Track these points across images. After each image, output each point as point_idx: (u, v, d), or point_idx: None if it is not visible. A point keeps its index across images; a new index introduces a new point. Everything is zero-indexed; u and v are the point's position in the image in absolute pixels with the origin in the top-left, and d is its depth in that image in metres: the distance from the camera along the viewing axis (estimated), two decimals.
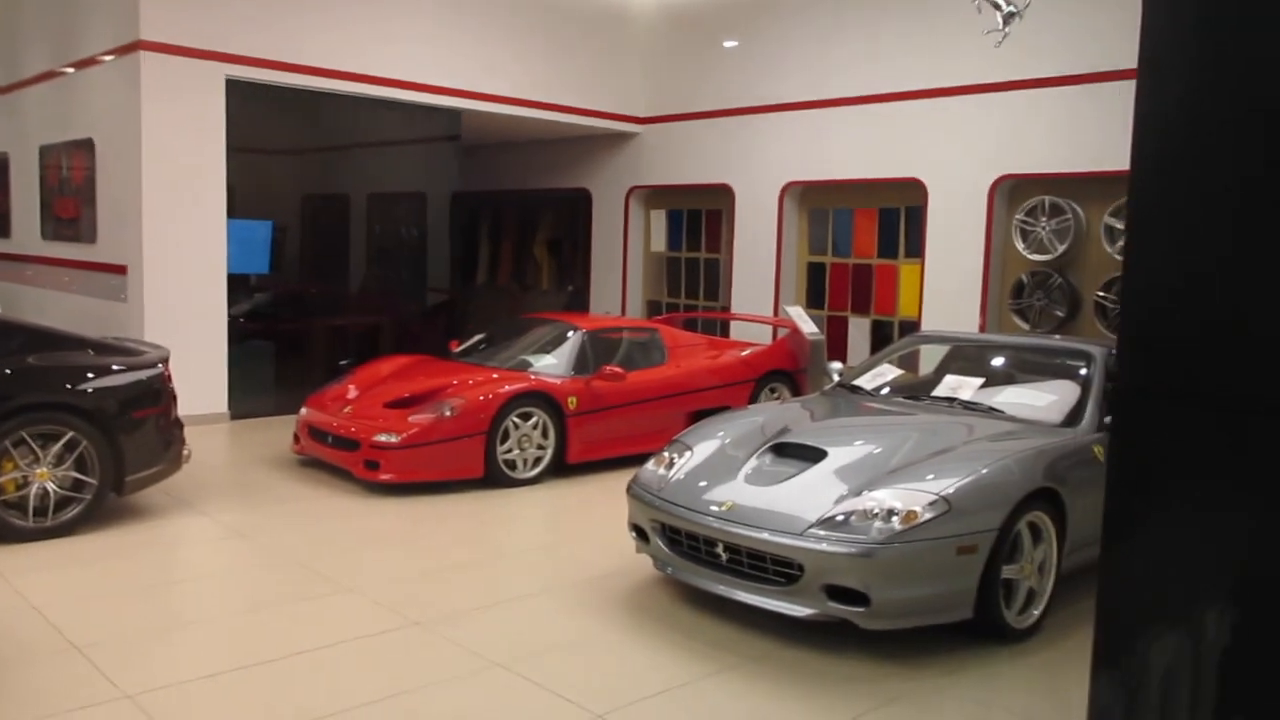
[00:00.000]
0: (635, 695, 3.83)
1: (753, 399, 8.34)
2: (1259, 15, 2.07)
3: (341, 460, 6.89)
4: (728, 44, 11.01)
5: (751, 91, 10.84)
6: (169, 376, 6.10)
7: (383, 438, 6.68)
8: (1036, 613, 4.56)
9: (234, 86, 8.75)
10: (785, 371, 8.75)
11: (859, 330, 10.34)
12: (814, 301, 10.69)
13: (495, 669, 4.02)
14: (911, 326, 9.61)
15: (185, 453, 6.17)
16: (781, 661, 4.18)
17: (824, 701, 3.83)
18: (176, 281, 8.55)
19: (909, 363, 6.82)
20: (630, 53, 11.81)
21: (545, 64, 10.94)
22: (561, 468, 7.29)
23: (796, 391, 8.62)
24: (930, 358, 6.97)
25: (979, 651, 4.32)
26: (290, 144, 10.23)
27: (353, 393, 7.40)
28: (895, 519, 4.15)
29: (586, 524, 6.23)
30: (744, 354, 8.67)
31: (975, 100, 9.08)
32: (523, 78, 10.72)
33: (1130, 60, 7.73)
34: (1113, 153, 8.27)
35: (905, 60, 9.55)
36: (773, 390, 8.61)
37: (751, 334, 10.23)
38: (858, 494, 4.34)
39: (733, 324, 10.98)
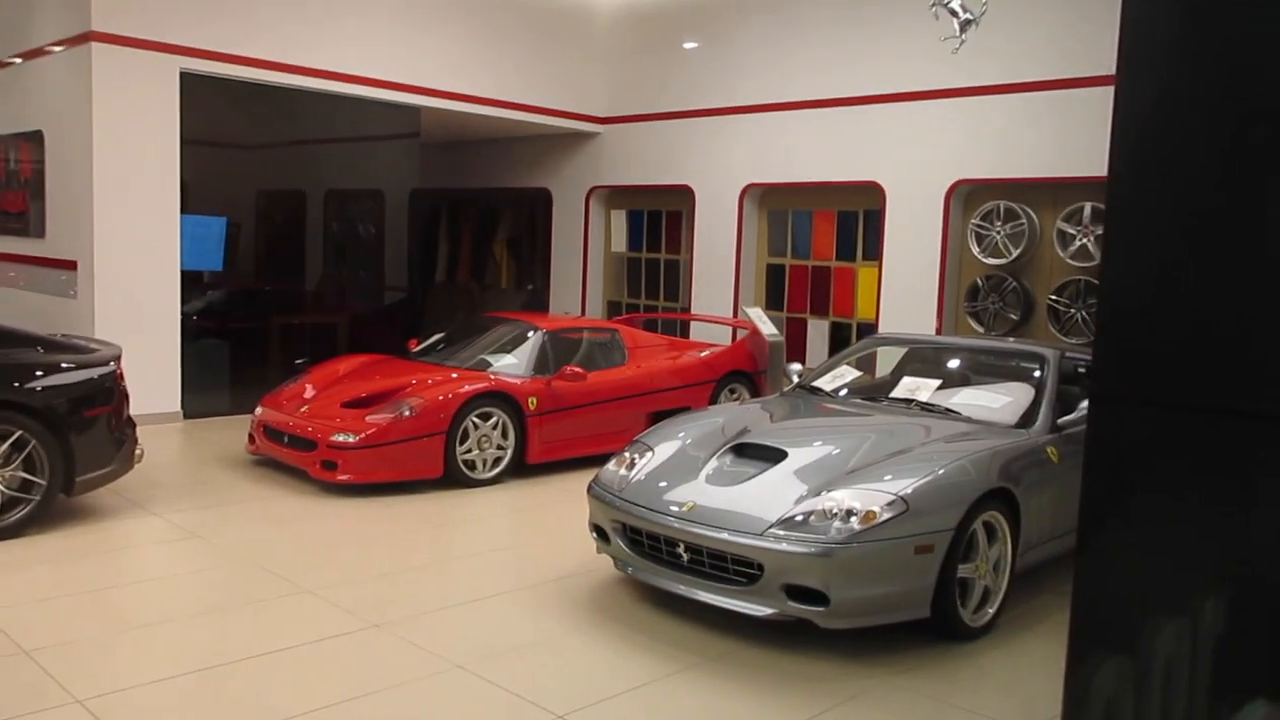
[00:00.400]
0: (597, 695, 3.83)
1: (713, 400, 8.38)
2: (1241, 15, 2.08)
3: (298, 460, 6.81)
4: (688, 45, 11.05)
5: (712, 93, 10.88)
6: (121, 375, 5.99)
7: (340, 437, 6.61)
8: (991, 611, 4.63)
9: (189, 79, 8.62)
10: (745, 373, 8.80)
11: (818, 332, 10.42)
12: (773, 303, 10.76)
13: (456, 671, 4.00)
14: (869, 328, 9.71)
15: (137, 452, 6.06)
16: (742, 660, 4.21)
17: (784, 700, 3.86)
18: (128, 278, 8.40)
19: (866, 364, 6.89)
20: (592, 53, 11.80)
21: (506, 62, 10.89)
22: (521, 468, 7.27)
23: (756, 392, 8.67)
24: (887, 359, 7.05)
25: (935, 649, 4.38)
26: (247, 139, 10.09)
27: (309, 392, 7.32)
28: (854, 519, 4.20)
29: (547, 525, 6.22)
30: (704, 355, 8.71)
31: (933, 105, 9.20)
32: (483, 76, 10.67)
33: (1085, 68, 7.87)
34: (1066, 159, 8.43)
35: (865, 65, 9.65)
36: (732, 391, 8.65)
37: (712, 335, 10.27)
38: (817, 494, 4.38)
39: (693, 325, 11.02)
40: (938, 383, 5.68)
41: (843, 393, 5.98)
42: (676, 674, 4.07)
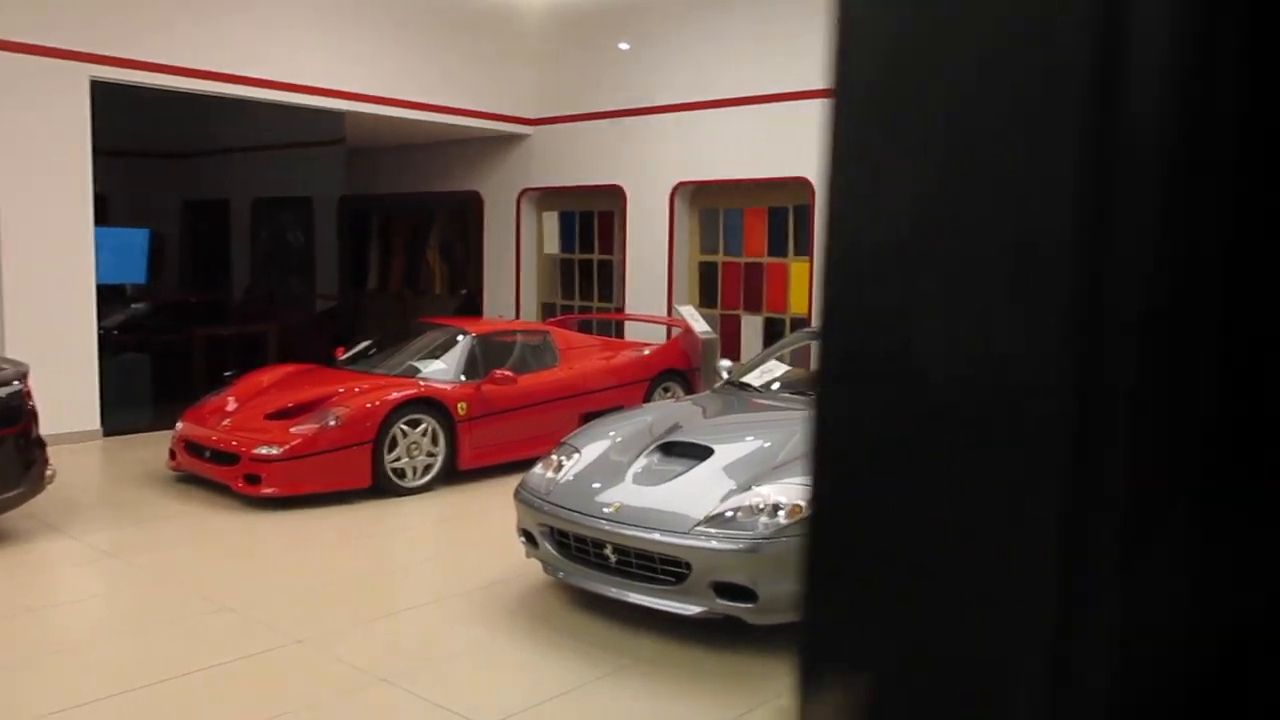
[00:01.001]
0: (524, 703, 3.77)
1: (647, 399, 8.34)
2: None
3: (220, 475, 6.64)
4: (622, 46, 11.01)
5: (641, 92, 10.85)
6: (28, 393, 5.78)
7: (264, 450, 6.46)
8: None
9: (106, 89, 8.36)
10: (679, 371, 8.79)
11: (752, 328, 10.45)
12: (707, 301, 10.77)
13: (379, 685, 3.91)
14: (803, 323, 9.76)
15: (49, 473, 5.85)
16: (673, 661, 4.17)
17: (711, 700, 3.83)
18: (39, 292, 8.12)
19: (800, 358, 6.91)
20: (519, 53, 11.70)
21: (432, 65, 10.76)
22: (453, 474, 7.16)
23: (690, 390, 8.64)
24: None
25: None
26: (168, 148, 9.85)
27: (232, 405, 7.14)
28: (781, 513, 4.18)
29: (478, 531, 6.13)
30: (637, 354, 8.68)
31: None
32: (409, 79, 10.52)
33: None
34: None
35: (791, 60, 9.69)
36: (667, 390, 8.62)
37: (647, 334, 10.24)
38: (744, 490, 4.36)
39: (628, 325, 10.98)
40: None
41: (773, 387, 5.99)
42: (605, 677, 4.02)
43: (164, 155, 10.01)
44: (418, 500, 6.80)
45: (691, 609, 4.23)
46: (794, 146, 9.71)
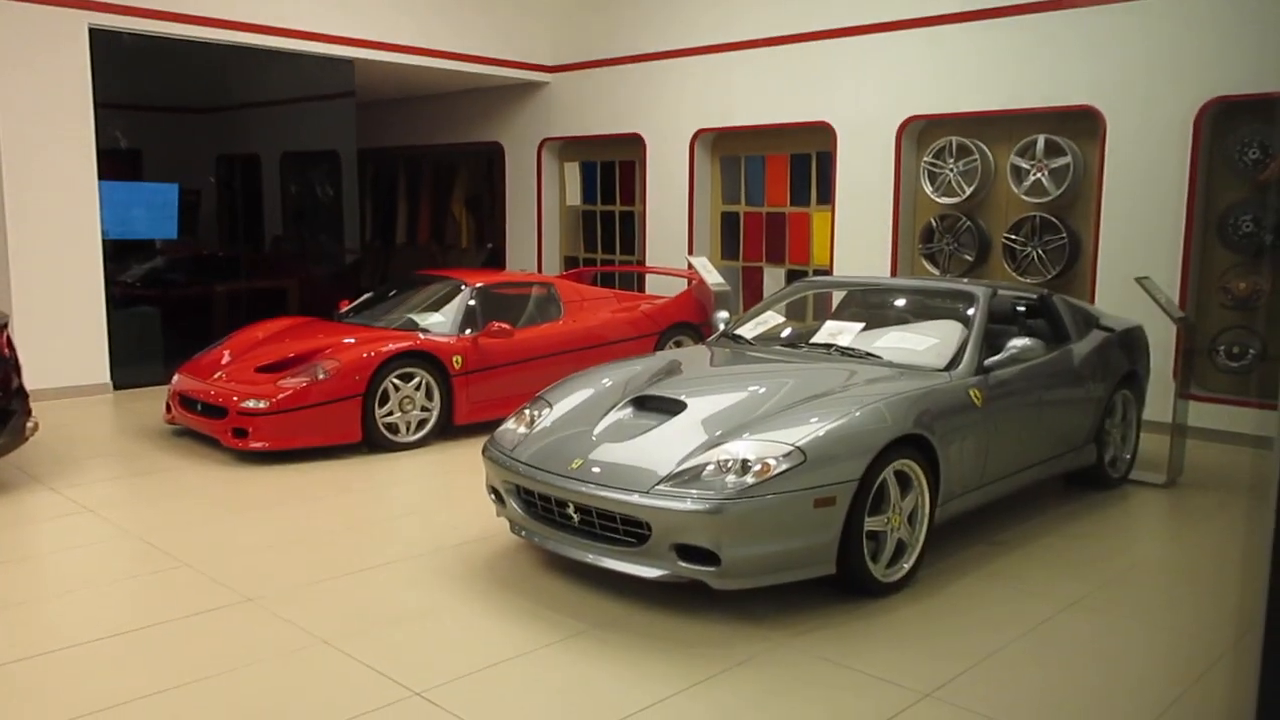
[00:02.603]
0: (465, 669, 3.57)
1: (657, 351, 8.08)
2: None
3: (210, 428, 6.54)
4: None
5: (659, 37, 10.46)
6: (9, 343, 5.70)
7: (251, 403, 6.33)
8: (907, 565, 4.36)
9: (117, 40, 8.22)
10: (691, 324, 8.51)
11: (774, 280, 10.09)
12: (729, 252, 10.42)
13: (319, 646, 3.74)
14: (823, 274, 9.38)
15: (30, 425, 5.78)
16: (631, 626, 3.95)
17: (667, 667, 3.60)
18: (45, 247, 8.08)
19: (797, 310, 6.59)
20: None
21: (443, 11, 10.46)
22: (449, 430, 6.99)
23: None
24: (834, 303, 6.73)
25: (844, 607, 4.12)
26: (196, 102, 9.74)
27: (226, 358, 7.03)
28: (749, 472, 3.91)
29: (463, 488, 5.93)
30: (647, 307, 8.40)
31: (880, 39, 8.80)
32: (419, 25, 10.24)
33: None
34: (1018, 90, 8.05)
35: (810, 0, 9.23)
36: (678, 343, 8.35)
37: (668, 287, 9.94)
38: (713, 447, 4.10)
39: (648, 277, 10.69)
40: (860, 326, 5.37)
41: (766, 340, 5.68)
42: (558, 643, 3.81)
43: (193, 110, 9.91)
44: (409, 456, 6.64)
45: (653, 571, 3.99)
46: (814, 90, 9.29)
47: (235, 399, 6.40)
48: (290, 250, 10.95)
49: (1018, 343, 4.99)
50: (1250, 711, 1.61)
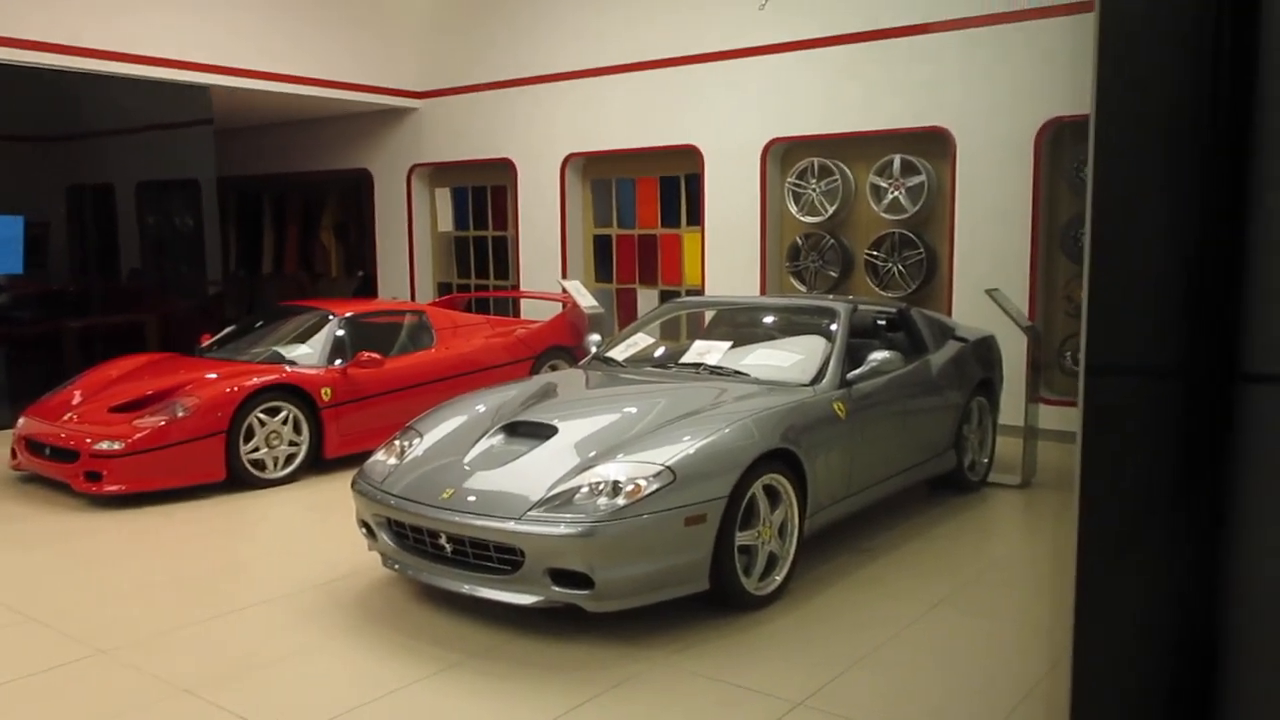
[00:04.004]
0: (338, 709, 3.48)
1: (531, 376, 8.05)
2: None
3: (61, 473, 6.21)
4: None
5: (528, 62, 10.49)
6: None
7: (105, 445, 6.04)
8: (779, 578, 4.45)
9: None
10: (565, 347, 8.52)
11: (648, 301, 10.19)
12: (603, 275, 10.49)
13: (180, 696, 3.59)
14: (696, 295, 9.53)
15: None
16: (506, 655, 3.91)
17: (542, 694, 3.58)
18: None
19: (670, 330, 6.68)
20: (402, 23, 11.24)
21: (305, 37, 10.25)
22: (320, 464, 6.81)
23: None
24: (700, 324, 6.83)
25: (718, 623, 4.17)
26: (44, 131, 9.26)
27: (77, 398, 6.69)
28: (620, 494, 3.94)
29: (334, 524, 5.77)
30: (521, 332, 8.38)
31: (743, 64, 9.03)
32: (280, 51, 10.01)
33: (887, 19, 7.78)
34: (874, 113, 8.37)
35: (675, 25, 9.41)
36: (553, 367, 8.34)
37: (544, 311, 9.92)
38: (584, 470, 4.11)
39: (524, 302, 10.66)
40: (728, 345, 5.48)
41: (637, 362, 5.74)
42: (434, 675, 3.75)
43: (41, 139, 9.44)
44: (277, 493, 6.44)
45: (527, 598, 3.97)
46: (681, 113, 9.47)
47: (88, 441, 6.10)
48: (148, 283, 10.50)
49: (878, 355, 5.17)
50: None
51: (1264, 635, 1.76)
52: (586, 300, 8.55)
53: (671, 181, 9.93)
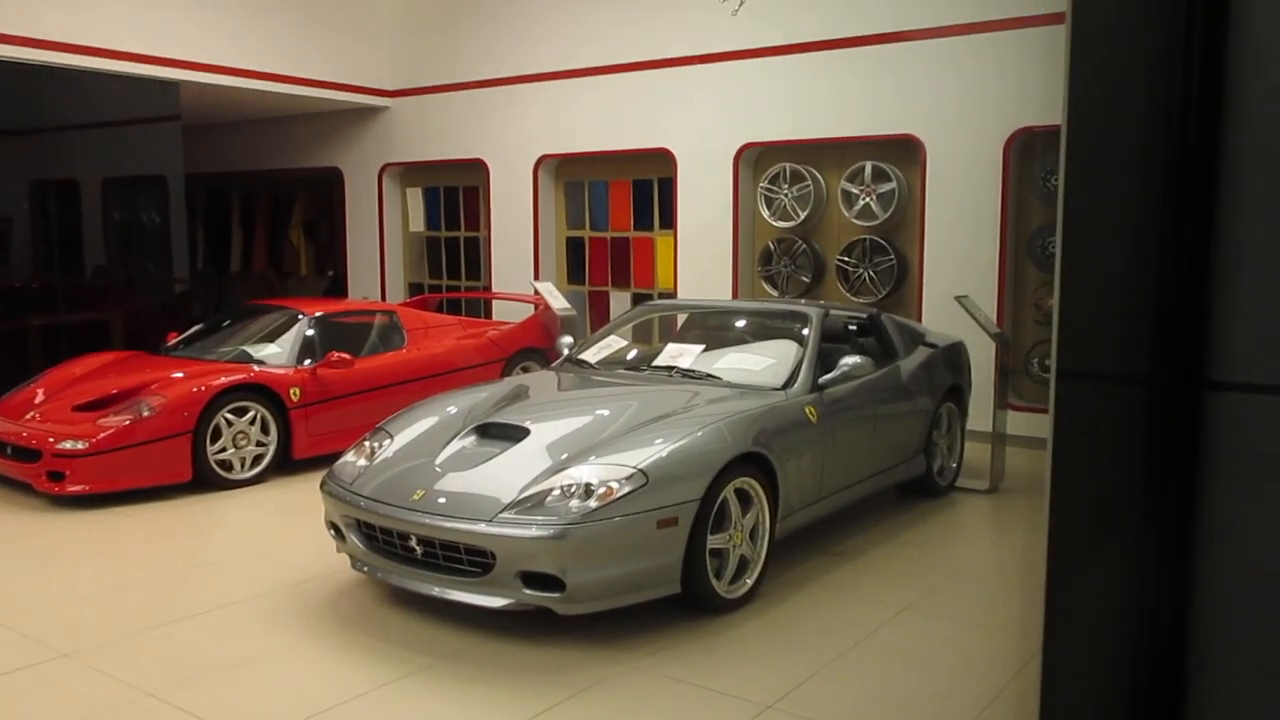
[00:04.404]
0: (306, 712, 3.45)
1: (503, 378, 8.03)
2: None
3: (22, 473, 6.11)
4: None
5: (502, 63, 10.46)
6: None
7: (69, 444, 5.95)
8: (750, 581, 4.47)
9: None
10: (537, 349, 8.50)
11: (620, 304, 10.19)
12: (575, 277, 10.48)
13: (146, 700, 3.54)
14: (669, 298, 9.54)
15: None
16: (476, 658, 3.90)
17: (511, 698, 3.57)
18: None
19: (642, 333, 6.69)
20: (374, 21, 11.17)
21: (275, 34, 10.16)
22: (289, 464, 6.75)
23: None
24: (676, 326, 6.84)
25: (689, 626, 4.18)
26: (8, 124, 9.10)
27: (40, 397, 6.60)
28: (592, 496, 3.94)
29: (301, 525, 5.72)
30: (493, 333, 8.36)
31: (717, 69, 9.06)
32: (250, 48, 9.91)
33: (860, 26, 7.84)
34: (844, 119, 8.43)
35: (650, 29, 9.42)
36: (525, 369, 8.32)
37: (517, 314, 9.89)
38: (557, 472, 4.10)
39: (495, 303, 10.62)
40: (701, 348, 5.49)
41: (610, 364, 5.74)
42: (403, 678, 3.72)
43: (3, 133, 9.28)
44: (244, 494, 6.38)
45: (498, 601, 3.96)
46: (655, 117, 9.48)
47: (50, 440, 6.01)
48: (113, 280, 10.36)
49: (849, 360, 5.20)
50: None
51: (1230, 636, 1.80)
52: (559, 302, 8.54)
53: (644, 184, 9.94)
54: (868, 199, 8.42)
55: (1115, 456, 1.88)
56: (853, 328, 6.09)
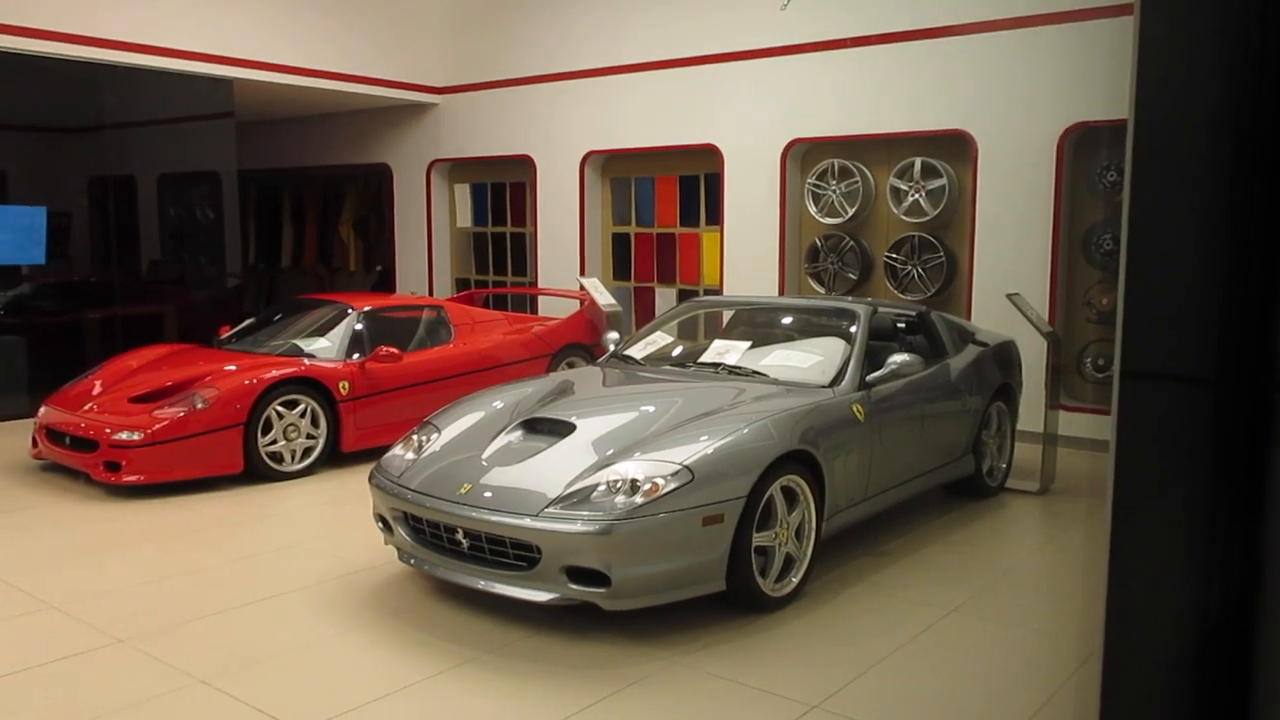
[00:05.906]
0: (353, 702, 3.49)
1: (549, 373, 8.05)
2: None
3: (80, 463, 6.25)
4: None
5: (549, 59, 10.49)
6: None
7: (125, 435, 6.07)
8: (796, 579, 4.43)
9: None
10: (583, 344, 8.51)
11: (666, 300, 10.18)
12: (620, 273, 10.48)
13: (196, 687, 3.60)
14: (715, 295, 9.50)
15: None
16: (521, 652, 3.91)
17: (556, 692, 3.58)
18: None
19: (688, 329, 6.67)
20: (424, 18, 11.25)
21: (328, 31, 10.28)
22: (337, 457, 6.83)
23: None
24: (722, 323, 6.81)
25: (734, 623, 4.16)
26: (69, 121, 9.34)
27: (98, 388, 6.73)
28: (638, 492, 3.93)
29: (350, 517, 5.79)
30: (539, 329, 8.38)
31: (764, 64, 9.00)
32: (303, 45, 10.03)
33: (906, 21, 7.78)
34: (894, 114, 8.33)
35: (697, 24, 9.39)
36: (570, 364, 8.34)
37: (561, 308, 9.92)
38: (602, 468, 4.10)
39: (541, 299, 10.67)
40: (747, 345, 5.46)
41: (655, 360, 5.73)
42: (448, 671, 3.75)
43: (64, 130, 9.51)
44: (294, 485, 6.46)
45: (543, 595, 3.97)
46: (701, 113, 9.44)
47: (107, 431, 6.13)
48: (168, 275, 10.57)
49: (898, 358, 5.14)
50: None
51: None
52: (605, 298, 8.54)
53: (691, 180, 9.91)
54: (917, 195, 8.32)
55: (1179, 458, 1.83)
56: (901, 325, 6.02)
